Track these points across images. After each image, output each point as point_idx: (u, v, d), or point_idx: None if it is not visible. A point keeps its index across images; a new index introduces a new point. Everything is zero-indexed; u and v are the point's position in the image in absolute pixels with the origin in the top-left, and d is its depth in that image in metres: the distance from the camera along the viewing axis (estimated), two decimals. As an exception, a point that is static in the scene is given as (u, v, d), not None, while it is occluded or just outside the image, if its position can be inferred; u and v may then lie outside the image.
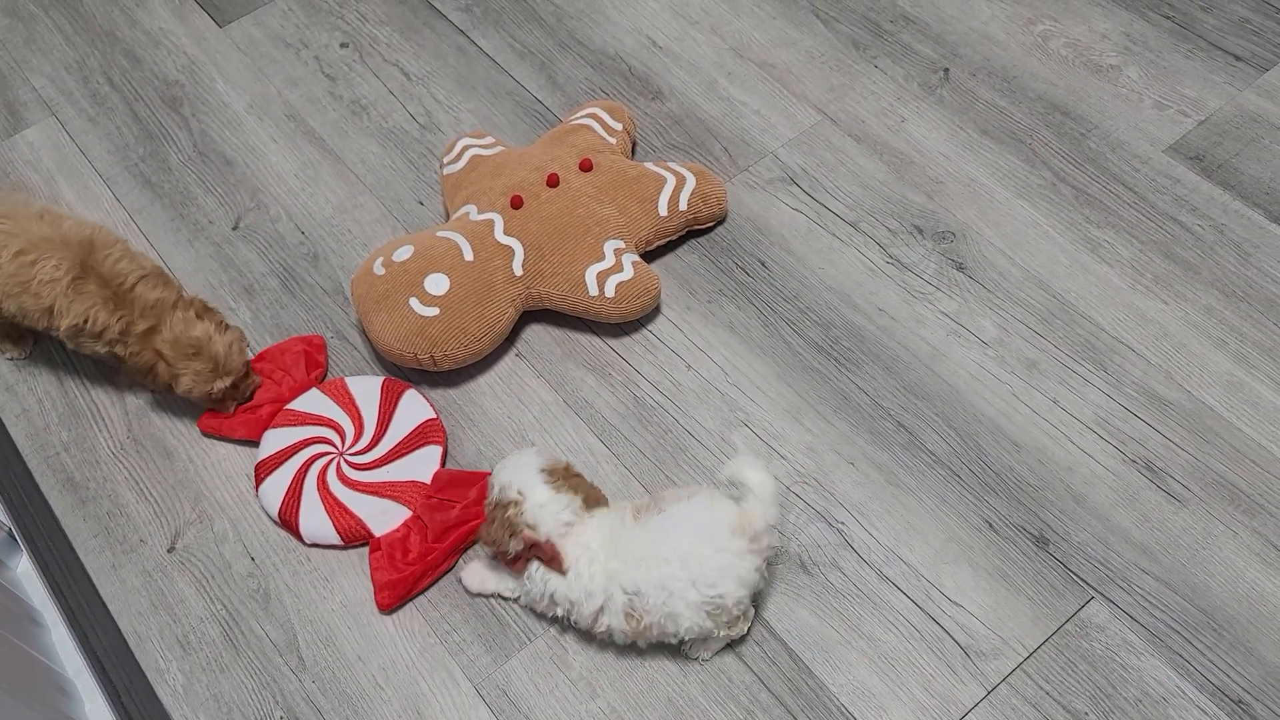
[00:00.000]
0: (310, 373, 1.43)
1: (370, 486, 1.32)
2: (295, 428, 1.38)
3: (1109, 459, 1.31)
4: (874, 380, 1.39)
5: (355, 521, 1.30)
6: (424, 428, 1.37)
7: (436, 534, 1.27)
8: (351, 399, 1.40)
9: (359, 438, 1.37)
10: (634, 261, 1.43)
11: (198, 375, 1.32)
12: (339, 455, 1.36)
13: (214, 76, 1.79)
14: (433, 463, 1.34)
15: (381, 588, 1.25)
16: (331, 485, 1.33)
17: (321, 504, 1.31)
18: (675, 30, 1.78)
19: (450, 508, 1.29)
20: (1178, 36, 1.69)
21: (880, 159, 1.60)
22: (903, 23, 1.76)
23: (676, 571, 1.10)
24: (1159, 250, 1.47)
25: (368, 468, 1.34)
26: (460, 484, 1.31)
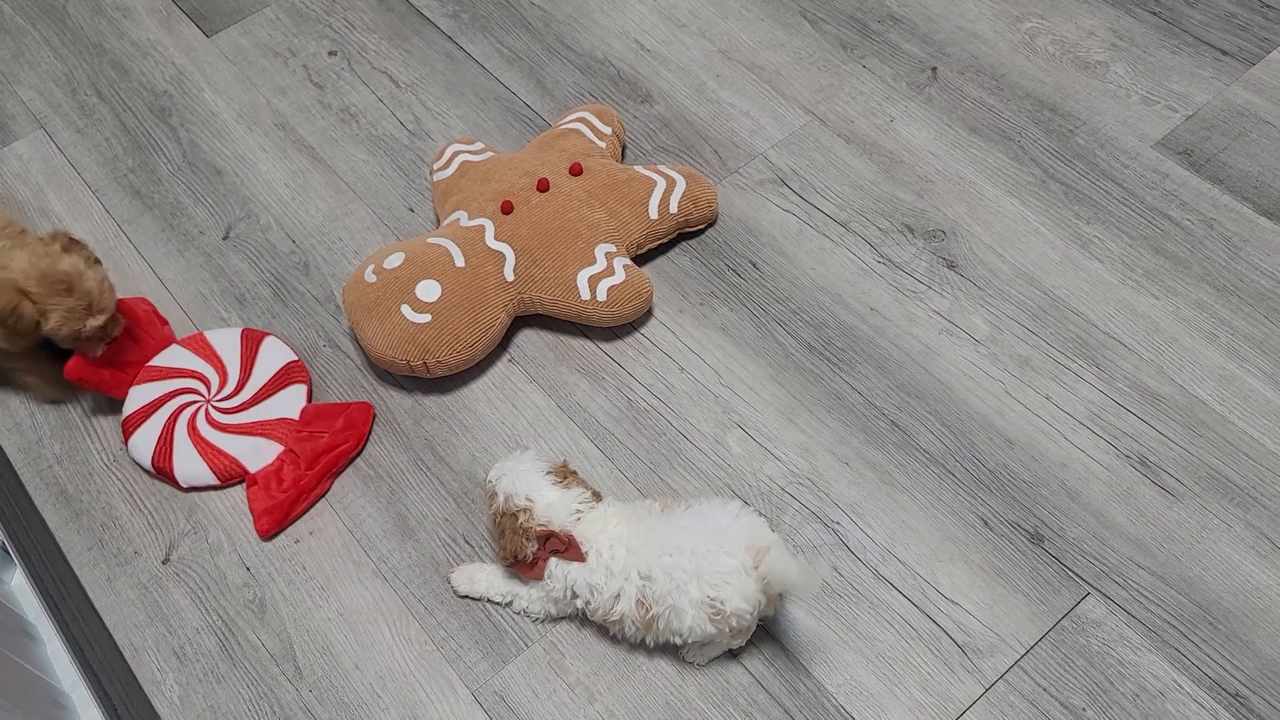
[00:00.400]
0: (164, 328, 1.47)
1: (240, 427, 1.38)
2: (160, 381, 1.41)
3: (1102, 454, 1.31)
4: (867, 380, 1.39)
5: (229, 460, 1.35)
6: (287, 369, 1.42)
7: (308, 462, 1.33)
8: (213, 350, 1.44)
9: (224, 385, 1.42)
10: (625, 265, 1.43)
11: (69, 313, 1.27)
12: (206, 403, 1.40)
13: (202, 86, 1.78)
14: (299, 400, 1.40)
15: (259, 515, 1.31)
16: (202, 430, 1.37)
17: (194, 448, 1.35)
18: (663, 33, 1.79)
19: (320, 438, 1.35)
20: (1164, 32, 1.70)
21: (870, 159, 1.60)
22: (890, 22, 1.76)
23: (684, 563, 1.10)
24: (1149, 245, 1.48)
25: (235, 411, 1.39)
26: (327, 415, 1.38)
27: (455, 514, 1.33)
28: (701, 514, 1.14)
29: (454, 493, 1.34)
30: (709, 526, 1.12)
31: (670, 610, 1.11)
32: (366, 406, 1.40)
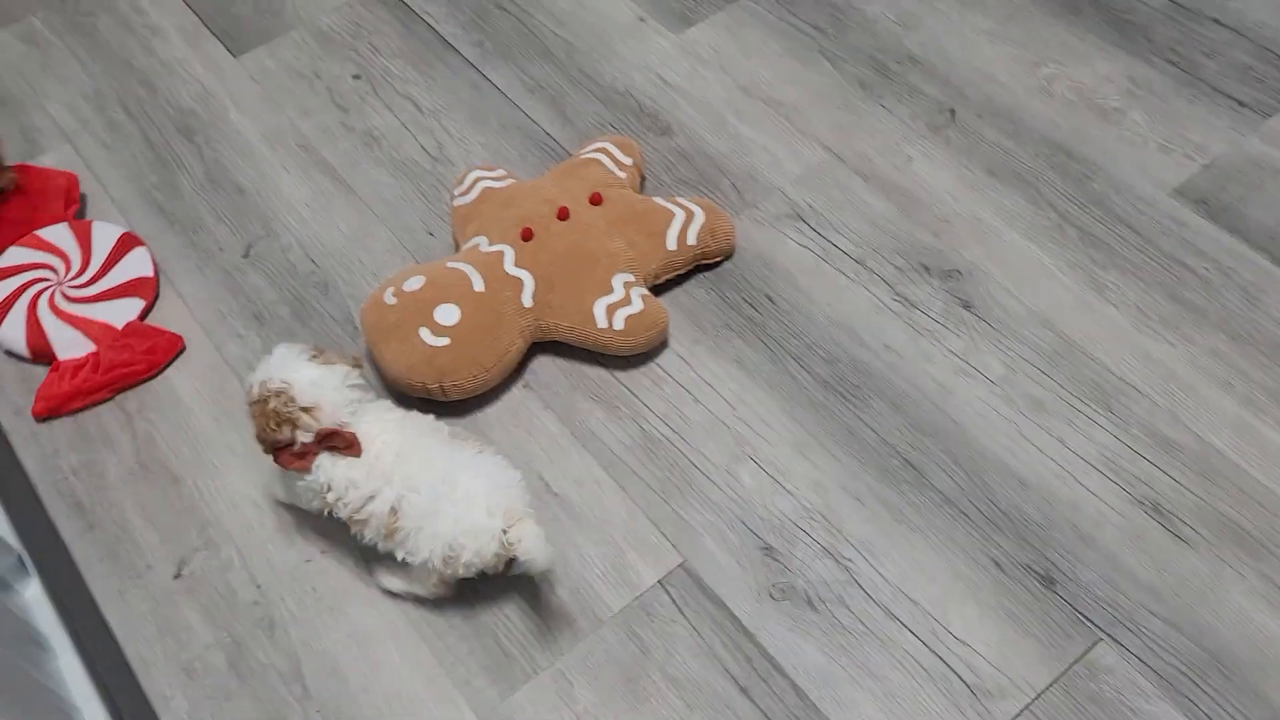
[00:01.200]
0: (66, 209, 1.62)
1: (69, 317, 1.51)
2: (31, 250, 1.58)
3: (1116, 499, 1.31)
4: (881, 417, 1.40)
5: (44, 342, 1.49)
6: (137, 282, 1.56)
7: (104, 370, 1.46)
8: (89, 239, 1.59)
9: (82, 273, 1.56)
10: (642, 295, 1.44)
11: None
12: (58, 285, 1.55)
13: (228, 106, 1.80)
14: (131, 313, 1.53)
15: (38, 398, 1.45)
16: (40, 307, 1.52)
17: (25, 320, 1.51)
18: (684, 68, 1.81)
19: (128, 351, 1.48)
20: (1181, 81, 1.72)
21: (887, 197, 1.62)
22: (909, 64, 1.78)
23: (452, 498, 1.13)
24: (1165, 292, 1.49)
25: (76, 301, 1.53)
26: (142, 336, 1.50)
27: (467, 538, 1.33)
28: (488, 464, 1.18)
29: (466, 517, 1.34)
30: (489, 479, 1.16)
31: (416, 530, 1.14)
32: (176, 341, 1.51)
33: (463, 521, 1.13)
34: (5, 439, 1.43)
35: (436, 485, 1.14)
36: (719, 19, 1.87)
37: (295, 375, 1.15)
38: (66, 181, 1.65)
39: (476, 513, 1.13)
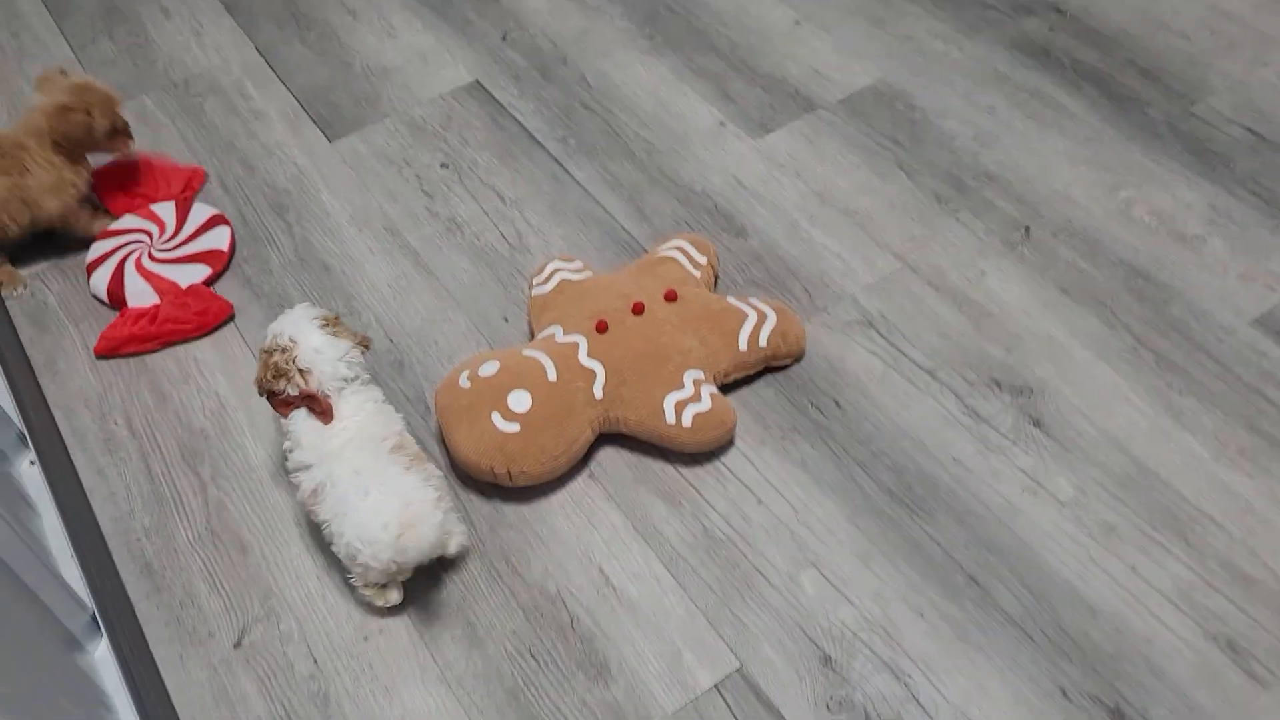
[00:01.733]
0: (182, 191, 1.85)
1: (146, 273, 1.71)
2: (140, 218, 1.81)
3: (1189, 633, 1.27)
4: (946, 530, 1.38)
5: (120, 289, 1.69)
6: (212, 253, 1.75)
7: (160, 322, 1.63)
8: (186, 214, 1.80)
9: (172, 238, 1.77)
10: (712, 393, 1.45)
11: (103, 104, 1.69)
12: (149, 247, 1.76)
13: (320, 187, 1.88)
14: (197, 278, 1.71)
15: (101, 338, 1.64)
16: (128, 264, 1.73)
17: (111, 272, 1.72)
18: (761, 172, 1.85)
19: (184, 309, 1.65)
20: (1263, 212, 1.71)
21: (959, 310, 1.62)
22: (985, 180, 1.80)
23: (356, 511, 1.22)
24: (1244, 423, 1.46)
25: (158, 261, 1.73)
26: (201, 298, 1.67)
27: (524, 626, 1.33)
28: (407, 484, 1.24)
29: (524, 605, 1.34)
30: (400, 492, 1.23)
31: (330, 520, 1.25)
32: (227, 308, 1.67)
33: (361, 530, 1.22)
34: (85, 497, 1.47)
35: (351, 489, 1.23)
36: (797, 127, 1.92)
37: (303, 338, 1.29)
38: (190, 172, 1.88)
39: (374, 525, 1.21)
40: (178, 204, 1.82)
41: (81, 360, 1.64)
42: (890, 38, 2.07)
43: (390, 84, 2.05)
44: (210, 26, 2.20)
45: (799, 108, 1.95)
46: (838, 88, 1.98)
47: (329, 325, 1.33)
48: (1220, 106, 1.89)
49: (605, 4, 2.19)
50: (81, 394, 1.60)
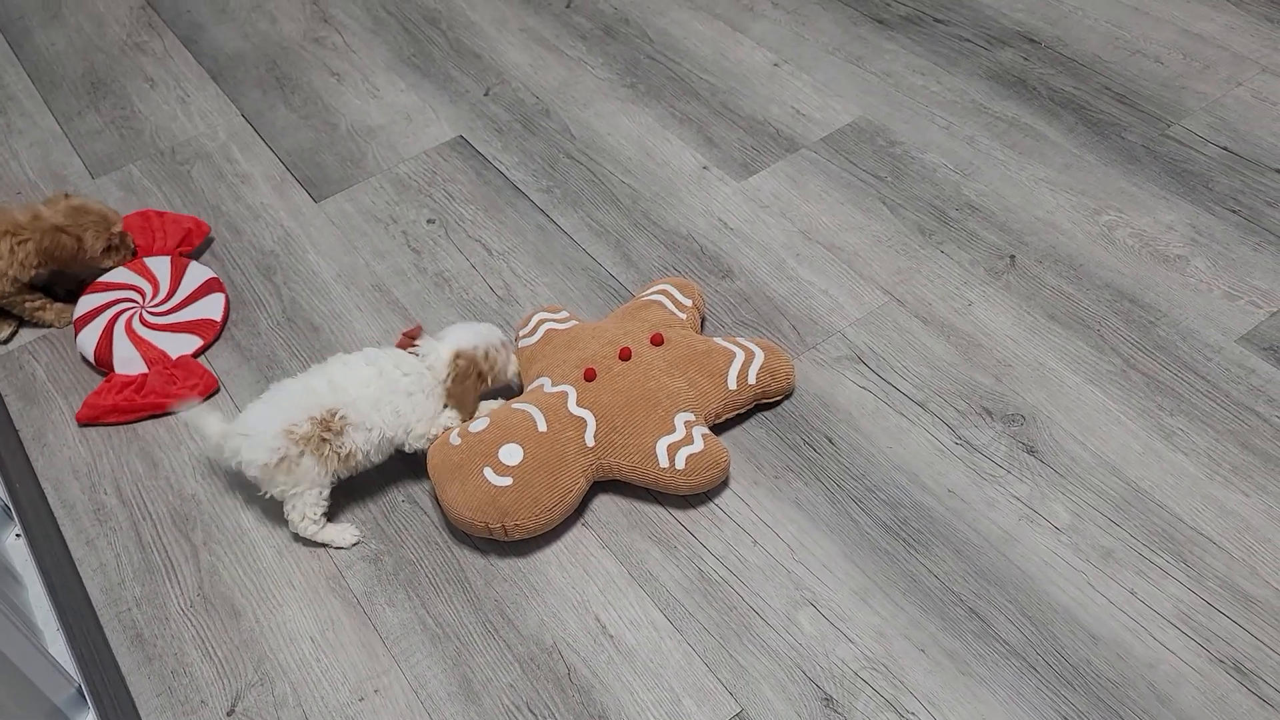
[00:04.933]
0: (178, 246, 1.86)
1: (136, 339, 1.72)
2: (132, 273, 1.81)
3: (1193, 657, 1.26)
4: (944, 563, 1.37)
5: (108, 354, 1.70)
6: (204, 323, 1.75)
7: (146, 393, 1.64)
8: (181, 275, 1.81)
9: (164, 301, 1.78)
10: (704, 434, 1.45)
11: (96, 228, 1.73)
12: (140, 308, 1.76)
13: (306, 247, 1.89)
14: (188, 348, 1.72)
15: (85, 405, 1.64)
16: (117, 325, 1.73)
17: (100, 333, 1.72)
18: (746, 213, 1.86)
19: (174, 383, 1.65)
20: (1244, 230, 1.72)
21: (947, 340, 1.62)
22: (968, 211, 1.81)
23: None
24: (1236, 440, 1.45)
25: (149, 327, 1.74)
26: (189, 371, 1.68)
27: (520, 680, 1.31)
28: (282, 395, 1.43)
29: (520, 657, 1.33)
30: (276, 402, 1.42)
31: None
32: (211, 384, 1.67)
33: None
34: (74, 568, 1.47)
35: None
36: (780, 168, 1.93)
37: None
38: (192, 225, 1.88)
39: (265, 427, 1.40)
40: (173, 262, 1.82)
41: (70, 431, 1.64)
42: (869, 75, 2.09)
43: (375, 143, 2.08)
44: (196, 94, 2.23)
45: (781, 148, 1.97)
46: (819, 126, 2.00)
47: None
48: (1196, 128, 1.90)
49: (586, 55, 2.22)
50: (70, 465, 1.60)
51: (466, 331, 1.50)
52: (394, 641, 1.36)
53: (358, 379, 1.43)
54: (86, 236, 1.73)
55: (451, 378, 1.46)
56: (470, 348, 1.47)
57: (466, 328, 1.51)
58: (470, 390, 1.47)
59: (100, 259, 1.77)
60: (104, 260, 1.78)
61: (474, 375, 1.47)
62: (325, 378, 1.44)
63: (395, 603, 1.40)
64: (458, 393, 1.46)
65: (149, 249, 1.85)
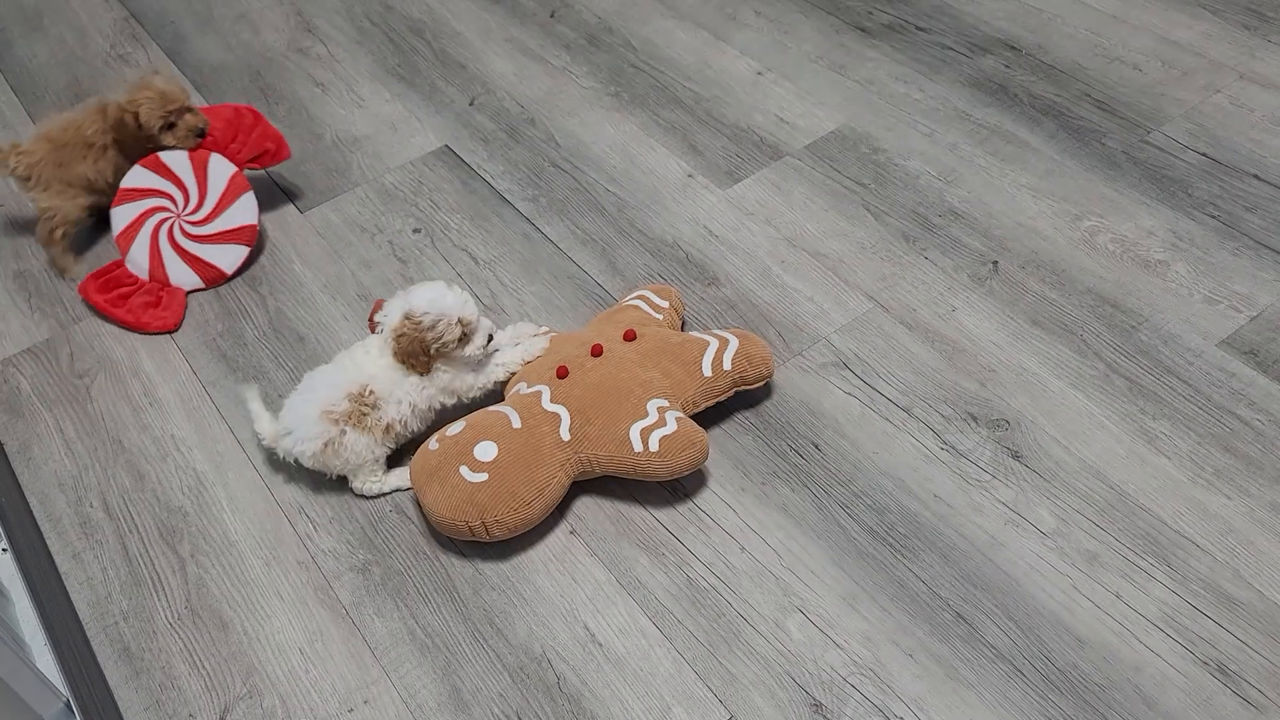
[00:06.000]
0: (251, 160, 1.86)
1: (185, 254, 1.81)
2: (153, 174, 1.81)
3: (1179, 659, 1.27)
4: (931, 568, 1.38)
5: (163, 272, 1.80)
6: (245, 229, 1.81)
7: (127, 308, 1.77)
8: (205, 173, 1.81)
9: (198, 209, 1.81)
10: (677, 417, 1.45)
11: (151, 103, 1.74)
12: (177, 218, 1.81)
13: (292, 258, 1.89)
14: (237, 259, 1.82)
15: (89, 279, 1.80)
16: (162, 239, 1.81)
17: (149, 249, 1.80)
18: (731, 220, 1.86)
19: (152, 307, 1.78)
20: (1224, 235, 1.74)
21: (932, 346, 1.63)
22: (951, 217, 1.82)
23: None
24: (1218, 444, 1.47)
25: (193, 239, 1.81)
26: (174, 301, 1.79)
27: (510, 689, 1.31)
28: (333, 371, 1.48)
29: (510, 666, 1.33)
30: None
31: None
32: (174, 323, 1.77)
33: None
34: (61, 582, 1.46)
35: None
36: (765, 175, 1.94)
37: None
38: (273, 145, 1.89)
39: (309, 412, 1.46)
40: (191, 158, 1.81)
41: (56, 445, 1.63)
42: (852, 83, 2.11)
43: (360, 153, 2.08)
44: (180, 106, 2.23)
45: (766, 156, 1.98)
46: (803, 134, 2.01)
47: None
48: (1175, 134, 1.92)
49: (570, 65, 2.23)
50: (56, 478, 1.59)
51: (428, 293, 1.45)
52: (383, 652, 1.36)
53: (374, 357, 1.47)
54: (141, 112, 1.75)
55: (394, 340, 1.44)
56: (420, 313, 1.43)
57: (430, 288, 1.46)
58: (414, 357, 1.44)
59: (160, 137, 1.78)
60: (164, 139, 1.79)
61: (416, 345, 1.43)
62: (351, 359, 1.48)
63: (384, 613, 1.40)
64: (402, 357, 1.45)
65: (222, 146, 1.84)
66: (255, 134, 1.87)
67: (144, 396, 1.69)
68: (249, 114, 1.88)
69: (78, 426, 1.65)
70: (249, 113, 1.88)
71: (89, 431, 1.64)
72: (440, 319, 1.43)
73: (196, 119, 1.81)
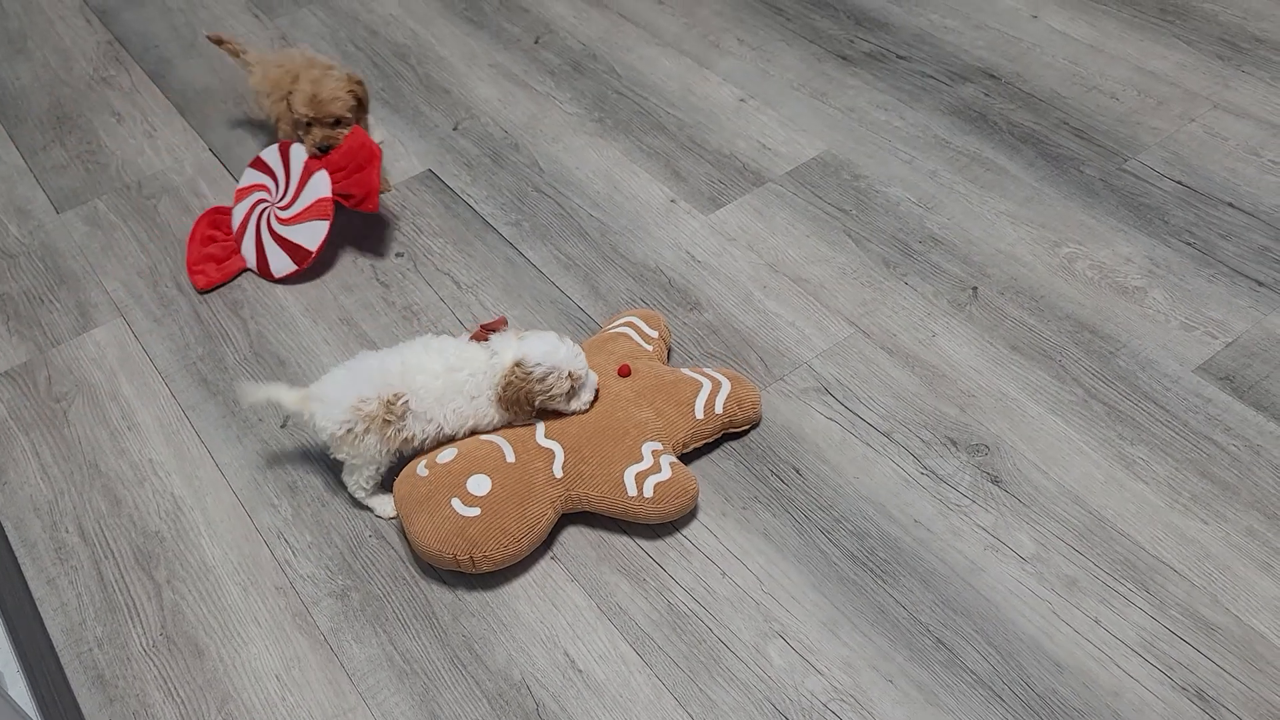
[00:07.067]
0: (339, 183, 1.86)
1: (280, 239, 1.87)
2: (257, 171, 1.93)
3: (1157, 685, 1.27)
4: (911, 594, 1.38)
5: (268, 266, 1.87)
6: (321, 203, 1.82)
7: (225, 253, 1.92)
8: (288, 158, 1.89)
9: (284, 194, 1.88)
10: (671, 462, 1.45)
11: (300, 96, 1.83)
12: (272, 205, 1.88)
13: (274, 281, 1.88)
14: (320, 235, 1.83)
15: (191, 269, 1.91)
16: (262, 229, 1.89)
17: (254, 243, 1.89)
18: (713, 246, 1.87)
19: (223, 257, 1.92)
20: (1199, 262, 1.75)
21: (912, 371, 1.64)
22: (931, 243, 1.84)
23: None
24: (1195, 469, 1.48)
25: (283, 222, 1.86)
26: (221, 258, 1.92)
27: (489, 716, 1.30)
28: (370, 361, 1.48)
29: (489, 693, 1.32)
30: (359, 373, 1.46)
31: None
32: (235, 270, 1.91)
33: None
34: (34, 607, 1.44)
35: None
36: (747, 201, 1.95)
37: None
38: (364, 194, 1.87)
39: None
40: (280, 149, 1.90)
41: (32, 469, 1.62)
42: (833, 110, 2.13)
43: (343, 177, 2.08)
44: (163, 129, 2.23)
45: (748, 182, 1.99)
46: (785, 160, 2.03)
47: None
48: (1152, 162, 1.94)
49: (554, 90, 2.24)
50: (31, 502, 1.58)
51: (542, 345, 1.44)
52: (361, 678, 1.35)
53: (428, 369, 1.45)
54: (291, 100, 1.86)
55: (501, 387, 1.44)
56: (533, 364, 1.43)
57: (544, 340, 1.45)
58: (517, 406, 1.45)
59: (297, 128, 1.88)
60: (300, 133, 1.89)
61: (522, 395, 1.44)
62: (401, 358, 1.46)
63: (362, 639, 1.39)
64: (505, 403, 1.45)
65: (330, 169, 1.85)
66: (356, 175, 1.83)
67: (122, 420, 1.68)
68: (366, 154, 1.83)
69: (54, 450, 1.64)
70: (368, 154, 1.83)
71: (65, 455, 1.63)
72: (551, 372, 1.43)
73: (328, 138, 1.86)
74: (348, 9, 2.53)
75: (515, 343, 1.46)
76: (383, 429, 1.43)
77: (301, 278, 1.88)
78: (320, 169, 1.84)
